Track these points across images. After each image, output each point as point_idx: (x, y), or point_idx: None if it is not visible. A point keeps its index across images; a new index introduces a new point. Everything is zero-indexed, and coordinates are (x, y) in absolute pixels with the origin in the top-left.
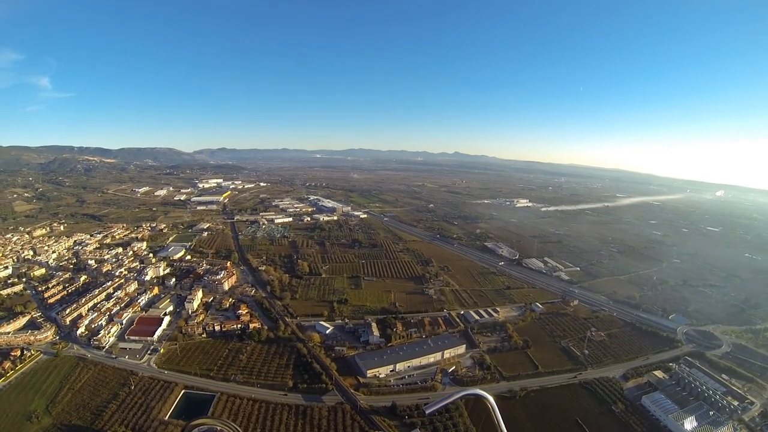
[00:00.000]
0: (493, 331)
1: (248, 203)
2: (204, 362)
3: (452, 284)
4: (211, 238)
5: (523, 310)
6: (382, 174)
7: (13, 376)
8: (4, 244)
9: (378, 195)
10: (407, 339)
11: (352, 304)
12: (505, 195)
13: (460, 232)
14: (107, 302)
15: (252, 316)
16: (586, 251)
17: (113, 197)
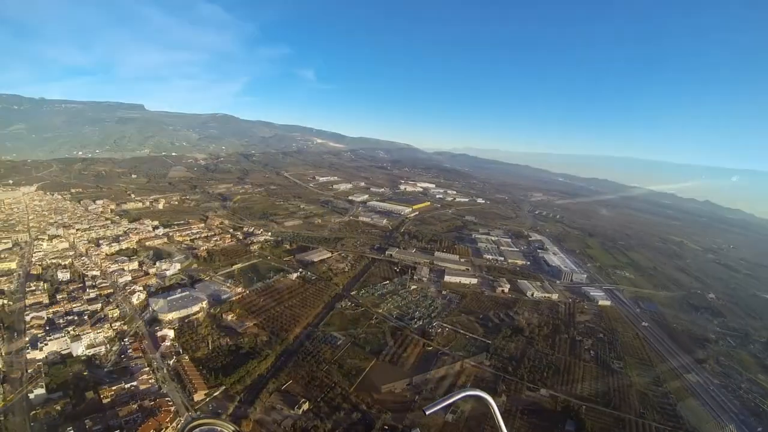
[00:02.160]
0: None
1: (438, 226)
2: None
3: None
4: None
5: None
6: (628, 214)
7: None
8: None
9: (626, 251)
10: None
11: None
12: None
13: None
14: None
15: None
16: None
17: (280, 180)
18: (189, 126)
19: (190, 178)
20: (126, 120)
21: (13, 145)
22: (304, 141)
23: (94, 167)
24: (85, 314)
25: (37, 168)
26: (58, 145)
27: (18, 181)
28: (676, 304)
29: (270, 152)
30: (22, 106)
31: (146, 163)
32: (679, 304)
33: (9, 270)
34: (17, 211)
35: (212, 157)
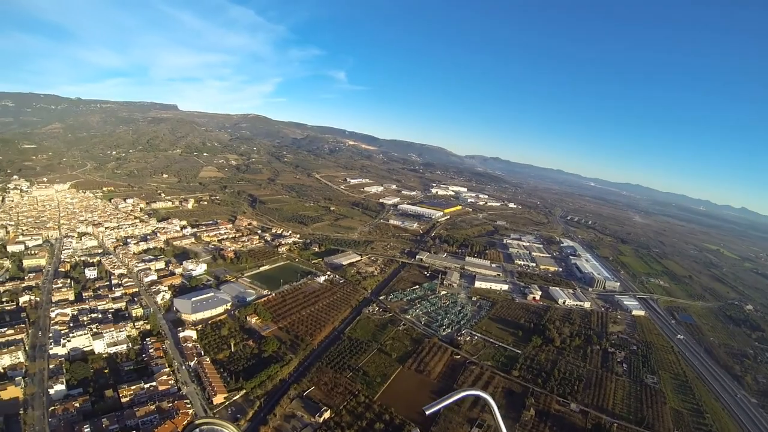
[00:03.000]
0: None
1: (469, 231)
2: None
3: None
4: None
5: None
6: (662, 221)
7: None
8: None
9: (660, 259)
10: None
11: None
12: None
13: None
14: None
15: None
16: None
17: (310, 181)
18: (221, 126)
19: (221, 179)
20: (159, 120)
21: (49, 144)
22: (336, 143)
23: (127, 166)
24: (109, 312)
25: (72, 166)
26: (93, 145)
27: (52, 179)
28: (713, 315)
29: (301, 153)
30: (59, 106)
31: (178, 163)
32: (715, 316)
33: (39, 266)
34: (49, 209)
35: (243, 158)
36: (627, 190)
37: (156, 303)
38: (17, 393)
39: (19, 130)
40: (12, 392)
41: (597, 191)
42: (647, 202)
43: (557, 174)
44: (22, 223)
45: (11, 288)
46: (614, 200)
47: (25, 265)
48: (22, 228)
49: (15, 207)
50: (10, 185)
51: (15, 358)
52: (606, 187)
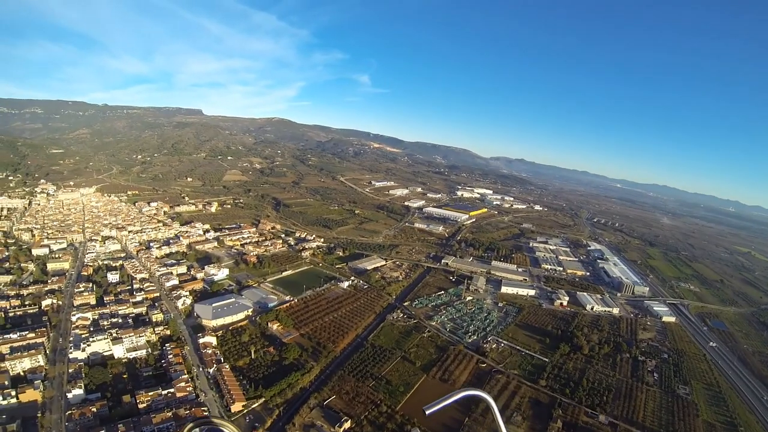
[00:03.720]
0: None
1: (494, 234)
2: None
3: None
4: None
5: None
6: (690, 223)
7: None
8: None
9: (690, 262)
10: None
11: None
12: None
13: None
14: None
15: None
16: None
17: (335, 184)
18: (245, 130)
19: (245, 182)
20: (184, 125)
21: (77, 149)
22: (360, 145)
23: (152, 170)
24: (129, 317)
25: (98, 170)
26: (119, 149)
27: (78, 183)
28: (746, 321)
29: (326, 156)
30: (87, 112)
31: (202, 167)
32: (749, 322)
33: (62, 270)
34: (75, 212)
35: (268, 161)
36: (653, 191)
37: (177, 308)
38: (36, 396)
39: (48, 136)
40: (31, 395)
41: (623, 192)
42: (674, 203)
43: (582, 175)
44: (47, 226)
45: (35, 291)
46: (641, 202)
47: (49, 269)
48: (48, 231)
49: (41, 211)
50: (37, 189)
51: (35, 361)
52: (632, 188)
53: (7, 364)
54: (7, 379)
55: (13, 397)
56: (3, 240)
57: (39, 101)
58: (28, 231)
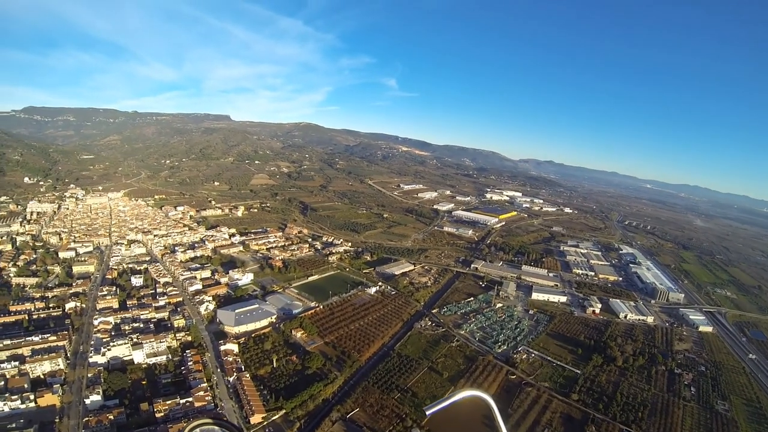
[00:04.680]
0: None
1: (524, 238)
2: None
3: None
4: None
5: None
6: (724, 225)
7: None
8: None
9: (725, 266)
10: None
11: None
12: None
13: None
14: None
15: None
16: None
17: (363, 188)
18: (273, 135)
19: (272, 186)
20: (212, 130)
21: (107, 155)
22: (388, 149)
23: (179, 174)
24: (151, 322)
25: (127, 175)
26: (148, 155)
27: (107, 187)
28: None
29: (354, 160)
30: (117, 119)
31: (229, 171)
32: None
33: (87, 273)
34: (102, 216)
35: (295, 165)
36: (685, 192)
37: (199, 313)
38: (54, 400)
39: (80, 143)
40: (49, 399)
41: (654, 194)
42: (707, 204)
43: (612, 176)
44: (75, 230)
45: (59, 294)
46: (672, 203)
47: (74, 272)
48: (75, 235)
49: (70, 215)
50: (66, 194)
51: (55, 364)
52: (663, 188)
53: (28, 367)
54: (27, 382)
55: (31, 401)
56: (32, 243)
57: (71, 109)
58: (56, 234)
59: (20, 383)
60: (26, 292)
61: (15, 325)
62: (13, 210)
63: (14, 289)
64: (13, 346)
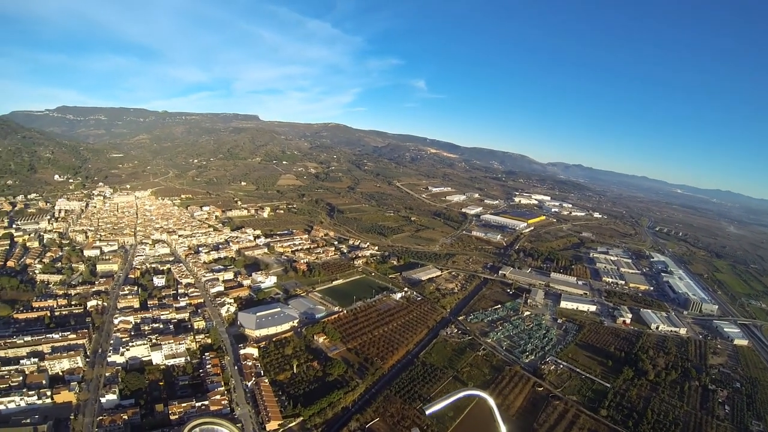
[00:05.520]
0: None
1: (553, 243)
2: None
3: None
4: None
5: None
6: (758, 232)
7: None
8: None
9: (760, 276)
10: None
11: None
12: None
13: None
14: None
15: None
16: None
17: (391, 190)
18: (301, 135)
19: (299, 187)
20: (240, 130)
21: (136, 153)
22: (417, 151)
23: (207, 174)
24: (171, 323)
25: (155, 174)
26: (176, 154)
27: (135, 186)
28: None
29: (382, 162)
30: (147, 119)
31: (256, 171)
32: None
33: (111, 271)
34: (128, 215)
35: (323, 166)
36: (717, 197)
37: (220, 316)
38: (71, 398)
39: (110, 141)
40: (65, 396)
41: (685, 199)
42: (740, 210)
43: (642, 181)
44: (101, 228)
45: (82, 292)
46: (704, 209)
47: (98, 270)
48: (101, 233)
49: (97, 213)
50: (95, 192)
51: (74, 362)
52: (694, 194)
53: (47, 364)
54: (46, 378)
55: (48, 397)
56: (58, 240)
57: (103, 108)
58: (82, 232)
59: (38, 379)
60: (50, 289)
61: (37, 321)
62: (42, 207)
63: (38, 285)
64: (33, 343)
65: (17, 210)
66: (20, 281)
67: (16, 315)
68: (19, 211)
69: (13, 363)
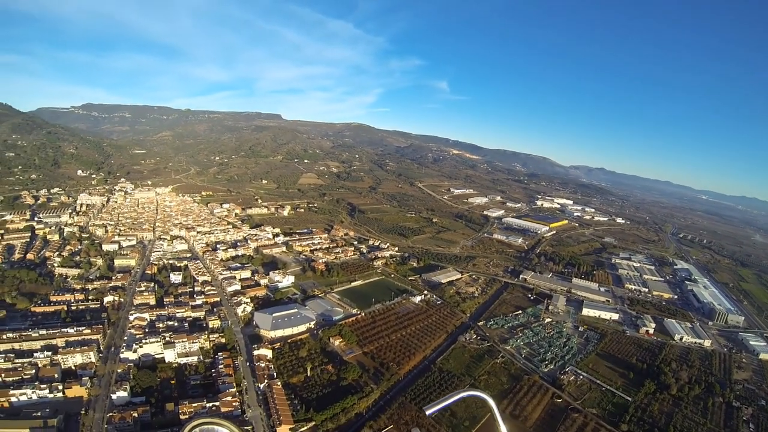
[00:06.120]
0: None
1: (575, 248)
2: None
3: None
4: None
5: None
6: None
7: None
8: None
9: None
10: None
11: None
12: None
13: None
14: None
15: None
16: None
17: (413, 191)
18: (324, 134)
19: (320, 186)
20: (262, 128)
21: (158, 150)
22: (439, 152)
23: (228, 171)
24: (186, 321)
25: (176, 170)
26: (198, 151)
27: (156, 182)
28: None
29: (404, 162)
30: (170, 117)
31: (278, 169)
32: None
33: (128, 267)
34: (148, 211)
35: (345, 165)
36: (743, 204)
37: (236, 315)
38: (82, 393)
39: (134, 138)
40: (77, 391)
41: (710, 205)
42: (767, 217)
43: (665, 186)
44: (121, 223)
45: (99, 287)
46: (729, 216)
47: (116, 265)
48: (120, 228)
49: (117, 208)
50: (116, 187)
51: (87, 357)
52: (719, 200)
53: (60, 358)
54: (58, 372)
55: (59, 391)
56: (78, 234)
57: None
58: (102, 227)
59: (51, 373)
60: (68, 282)
61: (54, 315)
62: (64, 201)
63: (56, 279)
64: (48, 336)
65: (40, 203)
66: (39, 274)
67: (34, 308)
68: (41, 205)
69: (27, 356)
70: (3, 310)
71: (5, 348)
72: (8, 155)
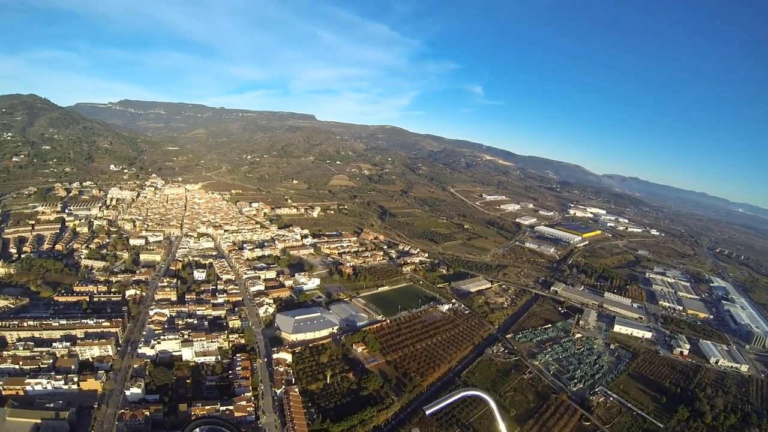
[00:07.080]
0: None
1: (608, 260)
2: None
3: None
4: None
5: None
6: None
7: None
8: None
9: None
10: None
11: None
12: None
13: None
14: None
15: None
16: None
17: (445, 196)
18: (357, 136)
19: (351, 188)
20: (295, 128)
21: (191, 147)
22: (472, 157)
23: (259, 170)
24: (206, 319)
25: (208, 168)
26: (231, 149)
27: (187, 179)
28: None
29: (437, 166)
30: (204, 114)
31: (309, 170)
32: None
33: (153, 262)
34: (177, 207)
35: (377, 168)
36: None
37: (257, 316)
38: (97, 386)
39: (168, 134)
40: (91, 384)
41: (747, 219)
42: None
43: (701, 197)
44: (149, 218)
45: (122, 280)
46: (766, 229)
47: (141, 259)
48: (149, 223)
49: (147, 203)
50: (147, 182)
51: (104, 350)
52: (758, 214)
53: (78, 349)
54: (75, 364)
55: (74, 383)
56: (107, 228)
57: (163, 103)
58: (130, 221)
59: (68, 364)
60: (92, 274)
61: (75, 305)
62: (95, 195)
63: (82, 270)
64: (68, 327)
65: (71, 196)
66: (65, 265)
67: (57, 297)
68: (73, 197)
69: (46, 345)
70: (27, 298)
71: (25, 336)
72: (44, 148)
